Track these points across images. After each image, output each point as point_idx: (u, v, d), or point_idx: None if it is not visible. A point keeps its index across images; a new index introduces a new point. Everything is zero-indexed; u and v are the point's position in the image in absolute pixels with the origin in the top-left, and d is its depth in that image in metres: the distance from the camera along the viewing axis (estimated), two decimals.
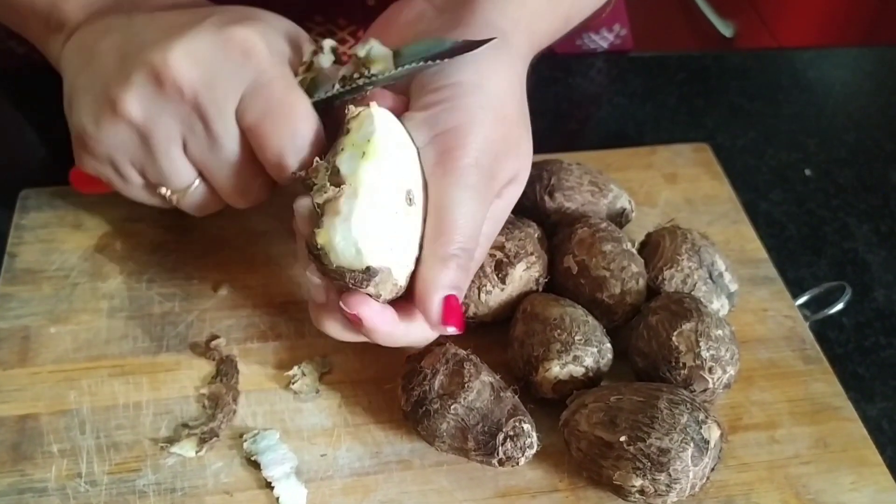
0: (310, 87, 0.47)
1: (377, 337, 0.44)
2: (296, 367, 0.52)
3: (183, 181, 0.48)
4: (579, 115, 0.76)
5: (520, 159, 0.46)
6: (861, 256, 0.64)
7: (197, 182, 0.48)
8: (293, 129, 0.45)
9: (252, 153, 0.46)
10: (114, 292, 0.56)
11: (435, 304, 0.42)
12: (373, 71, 0.46)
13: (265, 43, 0.45)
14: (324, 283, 0.44)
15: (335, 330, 0.45)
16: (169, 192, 0.49)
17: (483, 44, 0.43)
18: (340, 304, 0.42)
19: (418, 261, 0.43)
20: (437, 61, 0.44)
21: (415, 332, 0.45)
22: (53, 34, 0.50)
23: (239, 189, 0.48)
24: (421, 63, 0.44)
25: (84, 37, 0.48)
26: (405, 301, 0.44)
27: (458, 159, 0.43)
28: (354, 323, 0.43)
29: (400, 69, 0.45)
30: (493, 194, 0.44)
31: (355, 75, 0.46)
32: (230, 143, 0.46)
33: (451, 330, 0.43)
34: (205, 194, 0.49)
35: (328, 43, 0.47)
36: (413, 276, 0.43)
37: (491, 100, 0.44)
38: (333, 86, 0.46)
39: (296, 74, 0.47)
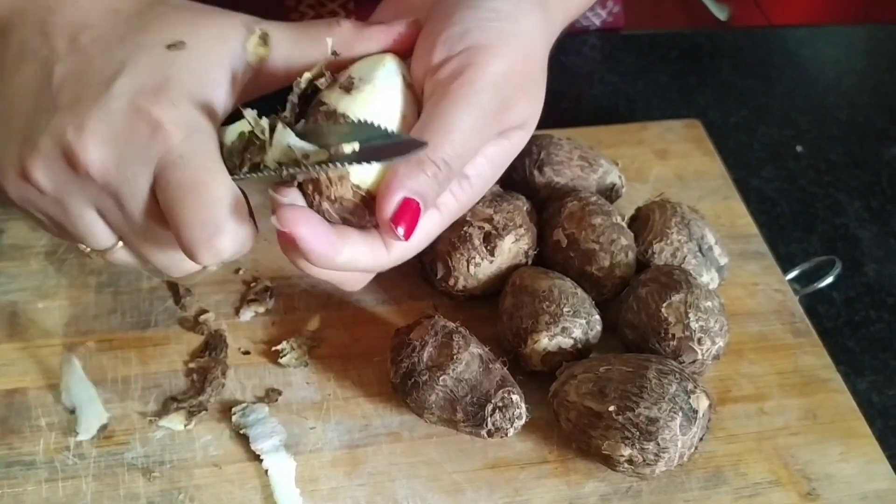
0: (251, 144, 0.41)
1: (311, 254, 0.39)
2: (285, 342, 0.52)
3: (102, 245, 0.43)
4: (571, 92, 0.76)
5: (533, 104, 0.45)
6: (852, 232, 0.64)
7: (119, 244, 0.44)
8: (202, 218, 0.39)
9: None
10: (102, 268, 0.56)
11: (394, 200, 0.39)
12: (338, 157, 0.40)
13: (177, 116, 0.39)
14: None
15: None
16: (88, 250, 0.44)
17: (421, 146, 0.39)
18: (272, 218, 0.39)
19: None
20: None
21: (360, 247, 0.41)
22: None
23: (163, 262, 0.43)
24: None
25: (2, 51, 0.43)
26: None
27: (476, 75, 0.41)
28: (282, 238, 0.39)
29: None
30: (498, 128, 0.42)
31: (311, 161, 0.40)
32: (145, 219, 0.41)
33: (400, 232, 0.39)
34: (128, 255, 0.44)
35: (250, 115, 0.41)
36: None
37: (523, 32, 0.43)
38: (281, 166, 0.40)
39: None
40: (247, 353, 0.52)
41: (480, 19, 0.42)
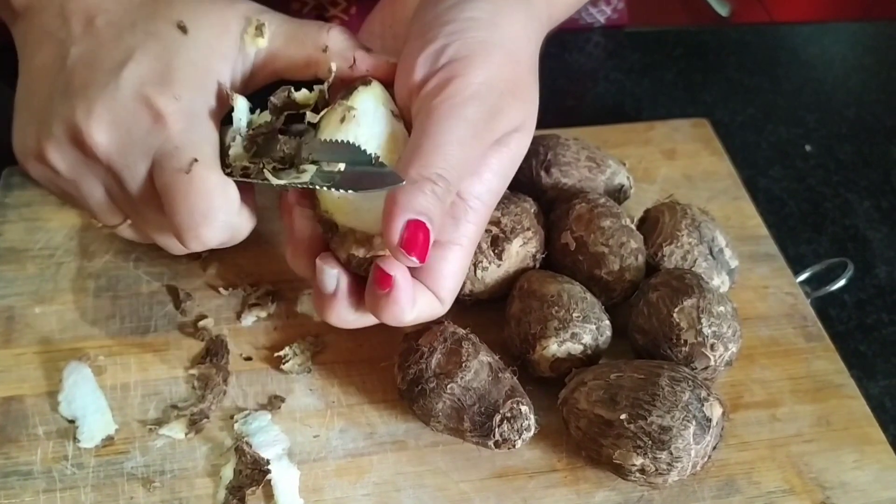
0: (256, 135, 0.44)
1: (395, 305, 0.41)
2: (287, 347, 0.51)
3: (110, 221, 0.46)
4: (576, 90, 0.75)
5: (526, 107, 0.44)
6: (862, 233, 0.63)
7: (127, 222, 0.46)
8: (190, 206, 0.41)
9: None
10: (100, 272, 0.55)
11: (398, 225, 0.39)
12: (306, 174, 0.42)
13: (177, 108, 0.41)
14: (336, 270, 0.43)
15: (344, 317, 0.44)
16: (100, 225, 0.47)
17: (398, 181, 0.40)
18: (378, 262, 0.41)
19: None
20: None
21: (421, 303, 0.42)
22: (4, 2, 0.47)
23: (163, 242, 0.46)
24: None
25: (25, 32, 0.45)
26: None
27: (458, 88, 0.41)
28: (381, 284, 0.41)
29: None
30: (490, 137, 0.42)
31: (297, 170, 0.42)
32: (145, 202, 0.43)
33: (414, 261, 0.40)
34: (134, 233, 0.47)
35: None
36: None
37: (504, 38, 0.43)
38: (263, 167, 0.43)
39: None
40: (248, 358, 0.51)
41: (458, 31, 0.42)
